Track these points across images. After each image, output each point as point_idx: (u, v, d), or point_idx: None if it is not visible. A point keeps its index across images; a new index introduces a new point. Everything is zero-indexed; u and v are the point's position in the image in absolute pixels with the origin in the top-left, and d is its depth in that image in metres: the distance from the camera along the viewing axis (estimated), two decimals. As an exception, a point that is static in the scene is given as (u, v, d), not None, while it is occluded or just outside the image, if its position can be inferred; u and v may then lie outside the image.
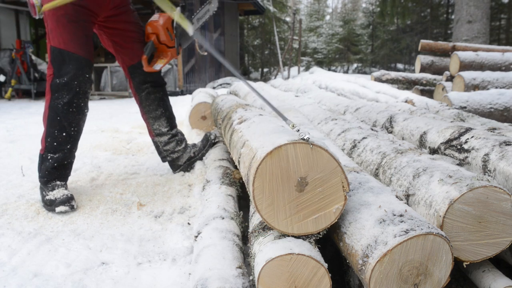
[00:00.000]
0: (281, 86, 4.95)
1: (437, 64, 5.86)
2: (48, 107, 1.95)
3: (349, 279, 1.23)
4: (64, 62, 1.91)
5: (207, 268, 1.11)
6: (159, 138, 2.44)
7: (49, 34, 1.90)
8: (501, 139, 1.33)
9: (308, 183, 1.02)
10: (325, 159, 1.02)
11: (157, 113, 2.40)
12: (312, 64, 19.74)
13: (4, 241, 1.66)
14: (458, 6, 8.34)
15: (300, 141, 1.01)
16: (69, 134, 2.00)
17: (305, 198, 1.03)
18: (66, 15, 1.88)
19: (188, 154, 2.51)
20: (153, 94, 2.36)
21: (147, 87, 2.34)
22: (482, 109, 3.29)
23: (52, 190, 2.00)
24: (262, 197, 1.02)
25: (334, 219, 1.05)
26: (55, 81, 1.91)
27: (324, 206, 1.04)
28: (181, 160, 2.50)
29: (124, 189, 2.29)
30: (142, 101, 2.37)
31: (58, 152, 2.01)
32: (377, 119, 2.25)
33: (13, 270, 1.46)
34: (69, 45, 1.91)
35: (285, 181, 1.02)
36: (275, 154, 1.00)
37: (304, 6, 27.88)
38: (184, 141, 2.51)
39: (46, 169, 2.02)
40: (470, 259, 1.07)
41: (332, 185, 1.03)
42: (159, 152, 2.50)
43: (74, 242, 1.68)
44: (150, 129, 2.44)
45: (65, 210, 1.94)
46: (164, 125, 2.43)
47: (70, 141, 2.02)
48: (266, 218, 1.04)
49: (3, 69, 8.19)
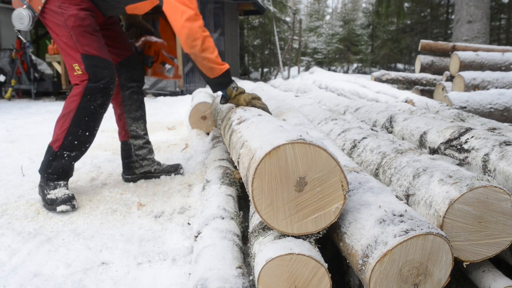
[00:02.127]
0: (281, 86, 4.95)
1: (437, 64, 5.86)
2: (77, 107, 1.98)
3: (349, 279, 1.23)
4: (99, 67, 1.98)
5: (207, 268, 1.11)
6: (134, 140, 2.40)
7: (75, 45, 1.95)
8: (501, 139, 1.33)
9: (307, 182, 1.02)
10: (323, 158, 1.01)
11: (137, 114, 2.39)
12: (312, 64, 19.74)
13: (4, 241, 1.66)
14: (458, 6, 8.34)
15: (298, 140, 1.01)
16: (92, 134, 2.07)
17: (305, 198, 1.03)
18: (90, 26, 1.98)
19: (149, 167, 2.45)
20: (136, 95, 2.37)
21: (133, 86, 2.35)
22: (482, 109, 3.29)
23: (53, 189, 2.01)
24: (262, 197, 1.02)
25: (333, 218, 1.05)
26: (91, 85, 1.97)
27: (324, 205, 1.04)
28: (139, 170, 2.43)
29: (124, 189, 2.29)
30: (124, 99, 2.36)
31: (76, 150, 2.05)
32: (377, 119, 2.25)
33: (13, 270, 1.46)
34: (101, 52, 2.00)
35: (284, 181, 1.02)
36: (273, 155, 1.00)
37: (304, 6, 27.88)
38: (153, 152, 2.51)
39: (61, 167, 2.04)
40: (470, 259, 1.07)
41: (331, 184, 1.03)
42: (127, 156, 2.41)
43: (74, 242, 1.68)
44: (127, 129, 2.39)
45: (66, 209, 1.95)
46: (141, 128, 2.42)
47: (90, 140, 2.08)
48: (266, 218, 1.04)
49: (3, 69, 8.19)
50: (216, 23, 10.62)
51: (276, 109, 2.33)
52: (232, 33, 12.14)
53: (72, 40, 1.95)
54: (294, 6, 19.43)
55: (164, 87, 9.06)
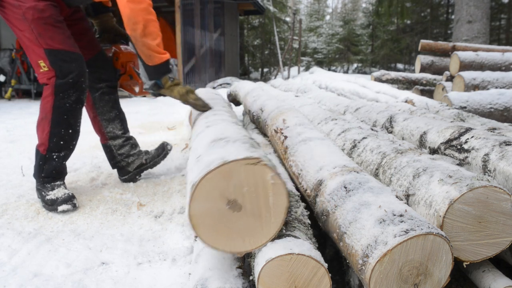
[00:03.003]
0: (281, 86, 4.95)
1: (437, 64, 5.86)
2: (52, 108, 1.91)
3: (349, 279, 1.23)
4: (65, 61, 1.88)
5: (207, 268, 1.11)
6: (113, 141, 2.34)
7: (37, 40, 1.84)
8: (501, 139, 1.33)
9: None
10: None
11: (111, 115, 2.31)
12: (312, 64, 19.73)
13: (4, 241, 1.66)
14: (458, 6, 8.34)
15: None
16: (75, 130, 2.02)
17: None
18: (51, 17, 1.86)
19: (140, 160, 2.39)
20: (107, 95, 2.28)
21: (102, 87, 2.26)
22: (482, 109, 3.29)
23: (52, 190, 1.99)
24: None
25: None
26: (59, 82, 1.88)
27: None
28: (131, 166, 2.38)
29: (124, 189, 2.29)
30: (95, 101, 2.27)
31: (65, 150, 2.01)
32: (377, 119, 2.25)
33: (13, 270, 1.46)
34: (65, 45, 1.89)
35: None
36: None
37: (304, 6, 27.88)
38: (137, 145, 2.43)
39: (54, 169, 2.01)
40: (470, 259, 1.07)
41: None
42: (111, 158, 2.38)
43: (74, 242, 1.68)
44: (103, 132, 2.33)
45: (67, 208, 1.94)
46: (118, 127, 2.34)
47: (76, 137, 2.04)
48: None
49: (3, 69, 8.19)
50: (216, 23, 10.61)
51: (276, 109, 2.33)
52: (232, 33, 12.14)
53: (33, 34, 1.83)
54: (294, 6, 19.43)
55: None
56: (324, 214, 1.20)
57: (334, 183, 1.23)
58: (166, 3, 10.46)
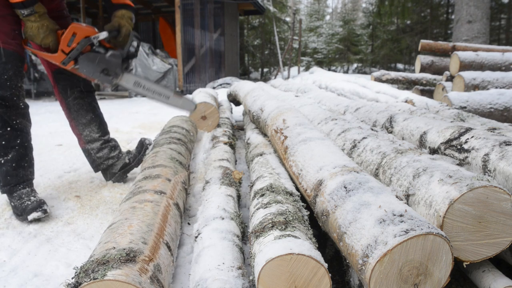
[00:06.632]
0: (281, 86, 4.95)
1: (437, 64, 5.86)
2: None
3: (349, 279, 1.23)
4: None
5: (207, 269, 1.11)
6: (91, 145, 2.30)
7: None
8: (501, 139, 1.33)
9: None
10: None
11: (87, 118, 2.26)
12: (312, 64, 19.73)
13: (4, 241, 1.67)
14: (458, 6, 8.34)
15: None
16: (14, 128, 1.90)
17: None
18: None
19: (122, 161, 2.36)
20: (81, 100, 2.23)
21: (74, 92, 2.20)
22: (482, 109, 3.29)
23: (19, 199, 1.90)
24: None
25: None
26: None
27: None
28: (115, 168, 2.35)
29: (124, 189, 2.29)
30: (69, 106, 2.22)
31: (10, 150, 1.90)
32: (377, 119, 2.25)
33: (13, 270, 1.46)
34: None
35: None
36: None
37: (304, 6, 27.87)
38: (118, 147, 2.40)
39: (7, 175, 1.91)
40: (470, 259, 1.07)
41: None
42: (91, 162, 2.35)
43: (74, 242, 1.68)
44: (80, 137, 2.29)
45: (38, 216, 1.83)
46: (95, 131, 2.29)
47: (18, 135, 1.92)
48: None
49: (3, 69, 8.19)
50: (216, 23, 10.61)
51: (276, 109, 2.33)
52: (232, 33, 12.13)
53: None
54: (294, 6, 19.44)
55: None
56: (324, 214, 1.20)
57: (334, 183, 1.23)
58: (166, 3, 10.49)
